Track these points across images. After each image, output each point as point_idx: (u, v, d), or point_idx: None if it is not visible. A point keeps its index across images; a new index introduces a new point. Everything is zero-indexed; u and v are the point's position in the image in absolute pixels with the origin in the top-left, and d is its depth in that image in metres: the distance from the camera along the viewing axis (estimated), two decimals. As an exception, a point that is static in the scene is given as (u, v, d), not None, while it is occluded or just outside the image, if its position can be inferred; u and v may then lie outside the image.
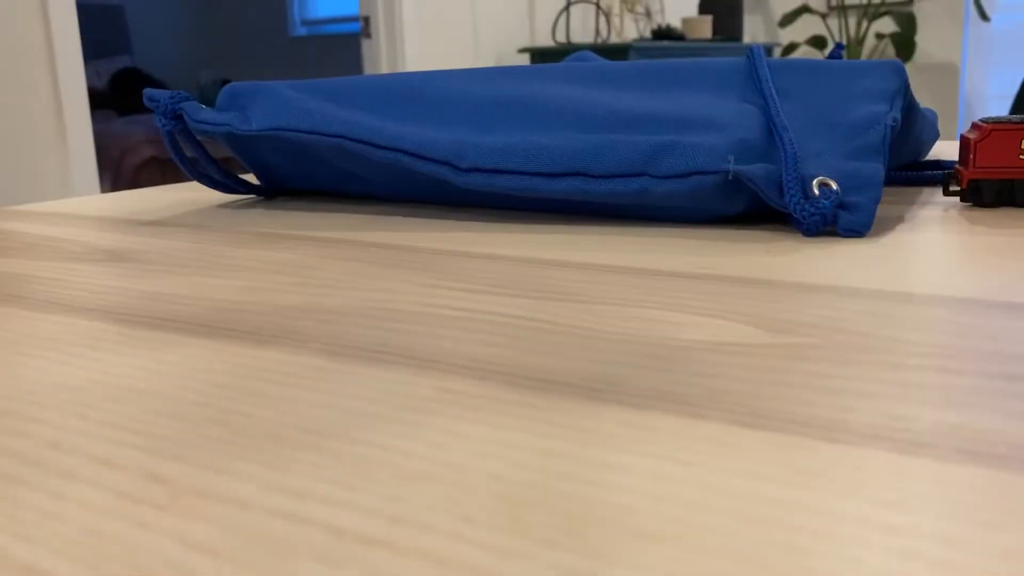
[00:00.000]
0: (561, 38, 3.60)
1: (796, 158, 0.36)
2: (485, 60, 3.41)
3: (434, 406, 0.18)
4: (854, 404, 0.18)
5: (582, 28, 3.74)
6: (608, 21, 3.61)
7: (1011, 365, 0.20)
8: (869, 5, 3.80)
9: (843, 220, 0.35)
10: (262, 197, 0.51)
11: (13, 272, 0.34)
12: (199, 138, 0.47)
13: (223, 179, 0.49)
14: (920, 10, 3.15)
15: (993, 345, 0.21)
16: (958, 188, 0.40)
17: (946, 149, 0.64)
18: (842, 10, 3.87)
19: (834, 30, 4.15)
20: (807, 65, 0.45)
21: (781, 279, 0.28)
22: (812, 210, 0.35)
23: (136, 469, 0.16)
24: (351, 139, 0.41)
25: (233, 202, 0.50)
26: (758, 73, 0.42)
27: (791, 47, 3.97)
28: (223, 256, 0.35)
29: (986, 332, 0.22)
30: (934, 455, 0.15)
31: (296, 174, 0.48)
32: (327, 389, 0.20)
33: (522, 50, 3.45)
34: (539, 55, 3.40)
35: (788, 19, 3.87)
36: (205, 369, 0.21)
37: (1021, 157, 0.38)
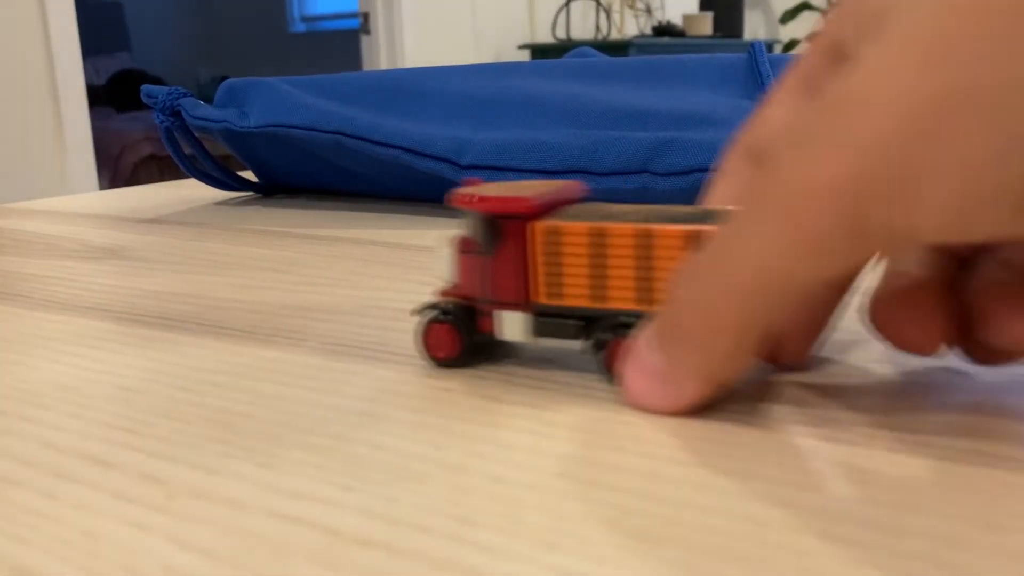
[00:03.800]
0: (561, 34, 3.60)
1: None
2: (485, 57, 3.40)
3: (433, 406, 0.18)
4: (853, 402, 0.18)
5: (582, 24, 3.74)
6: (608, 17, 3.61)
7: (1014, 365, 0.19)
8: (869, 2, 3.78)
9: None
10: (260, 194, 0.51)
11: (9, 270, 0.33)
12: (197, 135, 0.47)
13: (221, 176, 0.49)
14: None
15: (997, 344, 0.21)
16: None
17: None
18: (842, 7, 3.86)
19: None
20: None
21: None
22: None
23: (132, 469, 0.16)
24: (350, 136, 0.41)
25: (231, 199, 0.50)
26: (759, 69, 0.42)
27: (792, 43, 3.98)
28: (221, 254, 0.35)
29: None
30: (936, 455, 0.15)
31: (294, 171, 0.48)
32: (325, 388, 0.20)
33: (522, 46, 3.45)
34: (539, 51, 3.40)
35: (789, 16, 3.87)
36: (202, 368, 0.21)
37: None
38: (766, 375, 0.19)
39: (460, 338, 0.20)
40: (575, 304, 0.19)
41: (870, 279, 0.20)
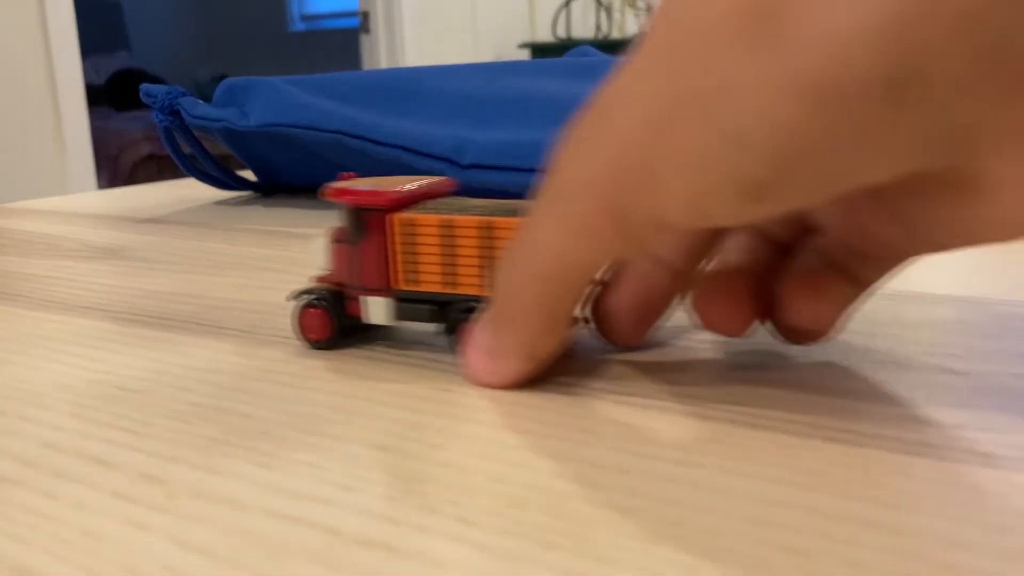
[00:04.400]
0: (562, 33, 3.60)
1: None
2: (485, 56, 3.40)
3: (433, 406, 0.18)
4: (858, 404, 0.18)
5: (583, 23, 3.74)
6: (609, 16, 3.61)
7: (1017, 365, 0.19)
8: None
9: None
10: (260, 194, 0.51)
11: (9, 270, 0.33)
12: (196, 134, 0.47)
13: (220, 176, 0.49)
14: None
15: (999, 344, 0.21)
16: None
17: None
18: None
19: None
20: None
21: (782, 276, 0.28)
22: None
23: (132, 469, 0.16)
24: (350, 135, 0.41)
25: (230, 199, 0.50)
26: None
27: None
28: (220, 254, 0.35)
29: (992, 331, 0.22)
30: (939, 455, 0.15)
31: (294, 171, 0.48)
32: (325, 389, 0.20)
33: (522, 45, 3.45)
34: (539, 50, 3.39)
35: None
36: (202, 368, 0.21)
37: None
38: (768, 374, 0.19)
39: (331, 322, 0.22)
40: (430, 290, 0.21)
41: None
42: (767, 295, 0.20)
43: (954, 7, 0.12)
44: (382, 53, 3.18)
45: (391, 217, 0.20)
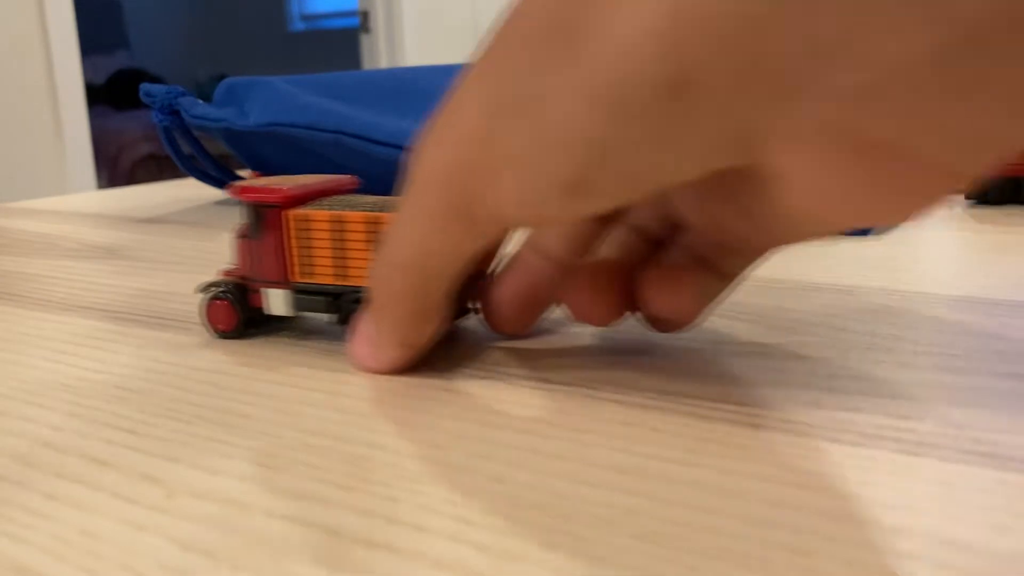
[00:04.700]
0: (560, 34, 3.59)
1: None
2: (484, 56, 3.39)
3: (434, 406, 0.18)
4: (858, 404, 0.18)
5: (581, 24, 3.73)
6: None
7: (1017, 364, 0.19)
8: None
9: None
10: (260, 193, 0.51)
11: (8, 269, 0.33)
12: (196, 134, 0.47)
13: (220, 175, 0.49)
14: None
15: (999, 344, 0.21)
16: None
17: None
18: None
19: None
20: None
21: (785, 277, 0.28)
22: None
23: (131, 469, 0.16)
24: (349, 135, 0.41)
25: (230, 199, 0.50)
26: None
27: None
28: (220, 253, 0.35)
29: (992, 331, 0.22)
30: (939, 456, 0.15)
31: (294, 170, 0.48)
32: (325, 389, 0.20)
33: (521, 46, 3.44)
34: (538, 51, 3.39)
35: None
36: (201, 368, 0.21)
37: None
38: (770, 374, 0.19)
39: (236, 313, 0.23)
40: (324, 281, 0.22)
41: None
42: (630, 288, 0.21)
43: (716, 26, 0.13)
44: (382, 53, 3.17)
45: (286, 213, 0.22)
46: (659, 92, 0.14)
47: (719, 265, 0.20)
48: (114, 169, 3.20)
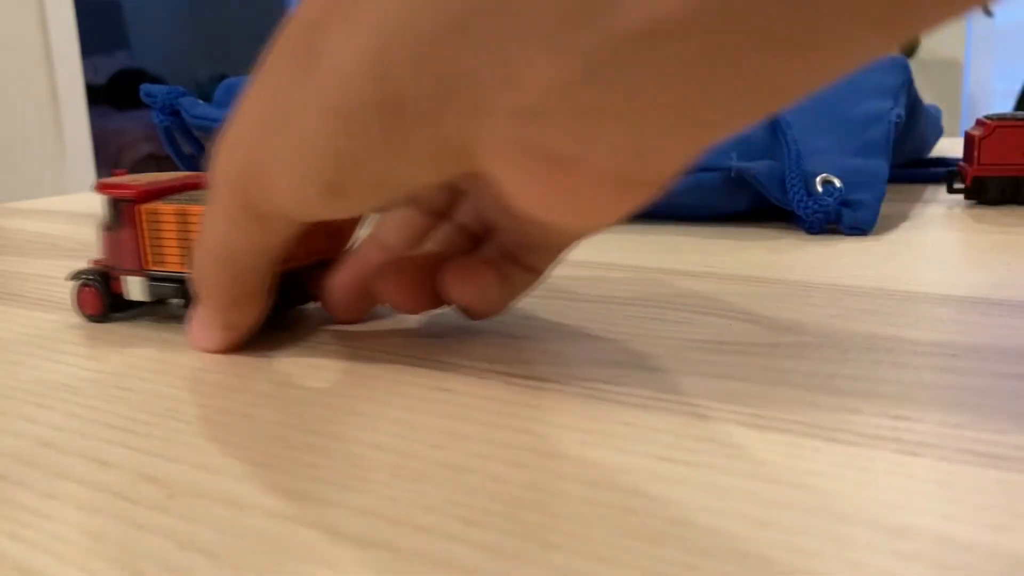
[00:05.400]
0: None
1: (799, 155, 0.36)
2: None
3: (434, 406, 0.18)
4: (858, 404, 0.18)
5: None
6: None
7: (1016, 365, 0.19)
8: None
9: (847, 217, 0.34)
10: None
11: (8, 270, 0.33)
12: (196, 134, 0.47)
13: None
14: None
15: (998, 344, 0.21)
16: (962, 185, 0.40)
17: (950, 146, 0.64)
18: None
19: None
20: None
21: (784, 277, 0.28)
22: (815, 207, 0.34)
23: (132, 469, 0.16)
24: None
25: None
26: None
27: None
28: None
29: (991, 331, 0.22)
30: (939, 456, 0.15)
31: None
32: (325, 389, 0.20)
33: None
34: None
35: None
36: (201, 368, 0.21)
37: None
38: (769, 374, 0.19)
39: (101, 298, 0.25)
40: (173, 269, 0.24)
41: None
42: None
43: (413, 54, 0.15)
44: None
45: (139, 207, 0.24)
46: (377, 109, 0.15)
47: (524, 260, 0.23)
48: (114, 169, 3.20)
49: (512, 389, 0.19)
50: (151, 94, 0.46)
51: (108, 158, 3.18)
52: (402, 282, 0.22)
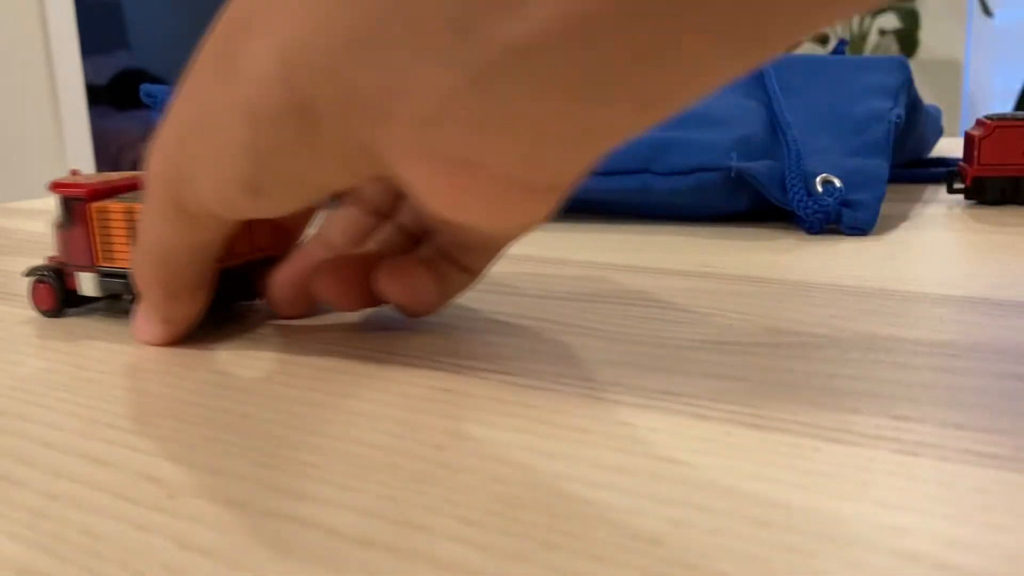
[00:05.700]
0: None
1: (799, 155, 0.36)
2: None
3: (434, 406, 0.18)
4: (858, 404, 0.18)
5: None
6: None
7: (1016, 365, 0.19)
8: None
9: (847, 218, 0.34)
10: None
11: (8, 269, 0.33)
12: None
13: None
14: (923, 5, 3.15)
15: (998, 344, 0.21)
16: (962, 186, 0.40)
17: (950, 146, 0.64)
18: (842, 6, 3.83)
19: (837, 26, 4.13)
20: (810, 61, 0.45)
21: (784, 278, 0.28)
22: (815, 207, 0.34)
23: (132, 469, 0.16)
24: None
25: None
26: (761, 69, 0.42)
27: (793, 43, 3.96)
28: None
29: (991, 331, 0.22)
30: (938, 456, 0.15)
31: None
32: (325, 389, 0.20)
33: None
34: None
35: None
36: (201, 368, 0.21)
37: None
38: (769, 374, 0.19)
39: (55, 294, 0.26)
40: (122, 266, 0.24)
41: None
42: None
43: (318, 63, 0.15)
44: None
45: (90, 206, 0.24)
46: (289, 114, 0.16)
47: (460, 260, 0.23)
48: (114, 169, 3.20)
49: (512, 389, 0.19)
50: (151, 94, 0.46)
51: (108, 158, 3.18)
52: (338, 281, 0.22)
